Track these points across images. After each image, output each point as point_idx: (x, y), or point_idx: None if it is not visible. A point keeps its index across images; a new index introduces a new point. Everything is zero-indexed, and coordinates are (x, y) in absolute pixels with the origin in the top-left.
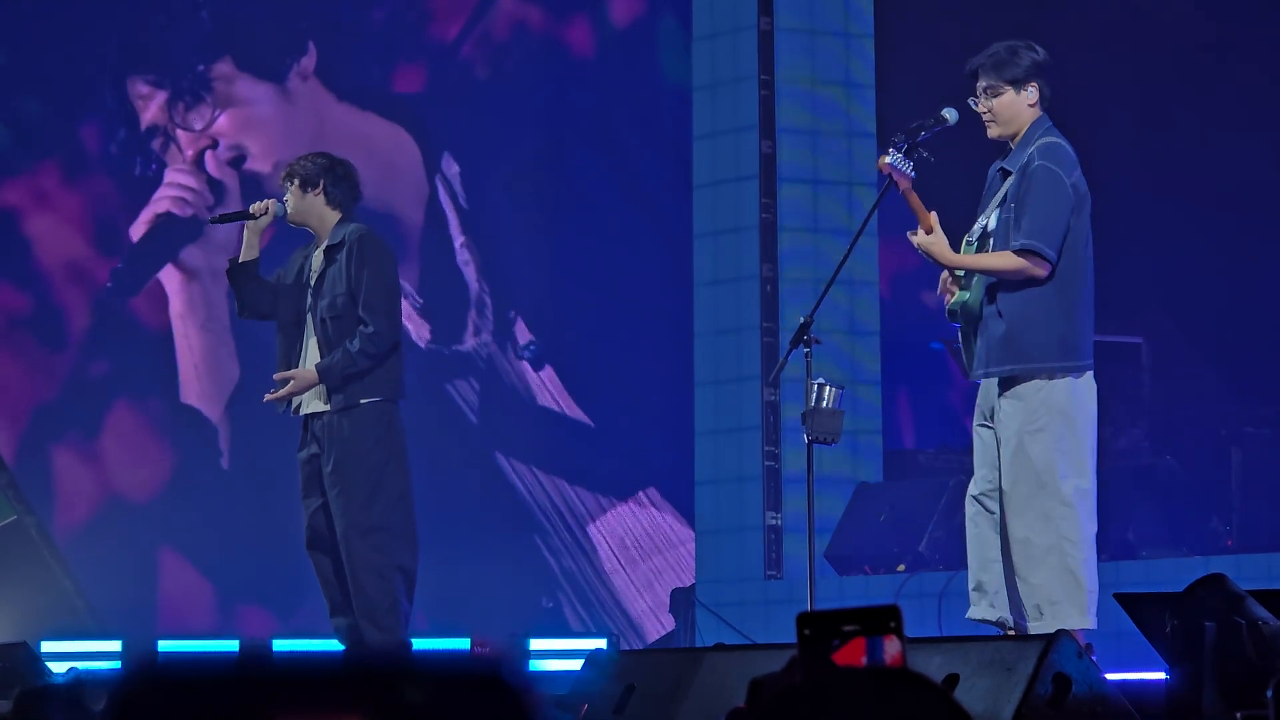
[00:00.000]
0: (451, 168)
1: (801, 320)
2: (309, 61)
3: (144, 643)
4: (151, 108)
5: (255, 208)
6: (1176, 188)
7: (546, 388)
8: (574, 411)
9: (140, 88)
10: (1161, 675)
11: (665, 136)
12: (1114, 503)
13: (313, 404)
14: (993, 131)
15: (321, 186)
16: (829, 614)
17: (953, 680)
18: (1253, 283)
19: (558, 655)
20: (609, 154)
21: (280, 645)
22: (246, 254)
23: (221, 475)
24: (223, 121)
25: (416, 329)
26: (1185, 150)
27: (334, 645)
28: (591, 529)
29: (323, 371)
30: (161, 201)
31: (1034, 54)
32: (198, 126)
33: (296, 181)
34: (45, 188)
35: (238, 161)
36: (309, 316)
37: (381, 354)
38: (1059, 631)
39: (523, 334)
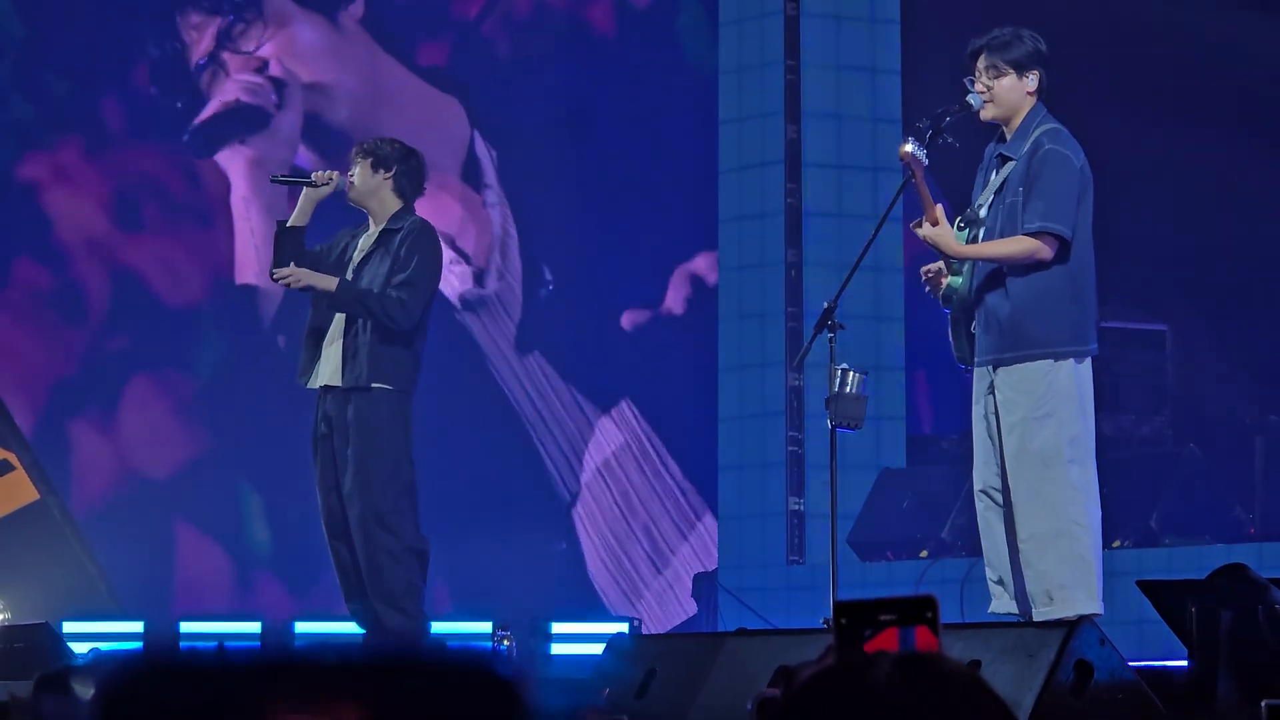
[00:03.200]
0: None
1: (825, 305)
2: (357, 8)
3: (165, 623)
4: (205, 38)
5: (318, 176)
6: (1203, 175)
7: (570, 372)
8: (598, 396)
9: (192, 18)
10: (1184, 663)
11: (689, 121)
12: (1137, 490)
13: (327, 375)
14: (988, 113)
15: (394, 172)
16: (866, 603)
17: (974, 666)
18: (1279, 271)
19: (580, 639)
20: (632, 140)
21: (302, 625)
22: (298, 219)
23: (242, 451)
24: (270, 46)
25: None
26: (1212, 137)
27: (352, 626)
28: (613, 510)
29: (342, 283)
30: (230, 91)
31: (1036, 42)
32: (249, 48)
33: (370, 160)
34: (66, 163)
35: (286, 83)
36: None
37: (398, 324)
38: (1081, 618)
39: (547, 327)
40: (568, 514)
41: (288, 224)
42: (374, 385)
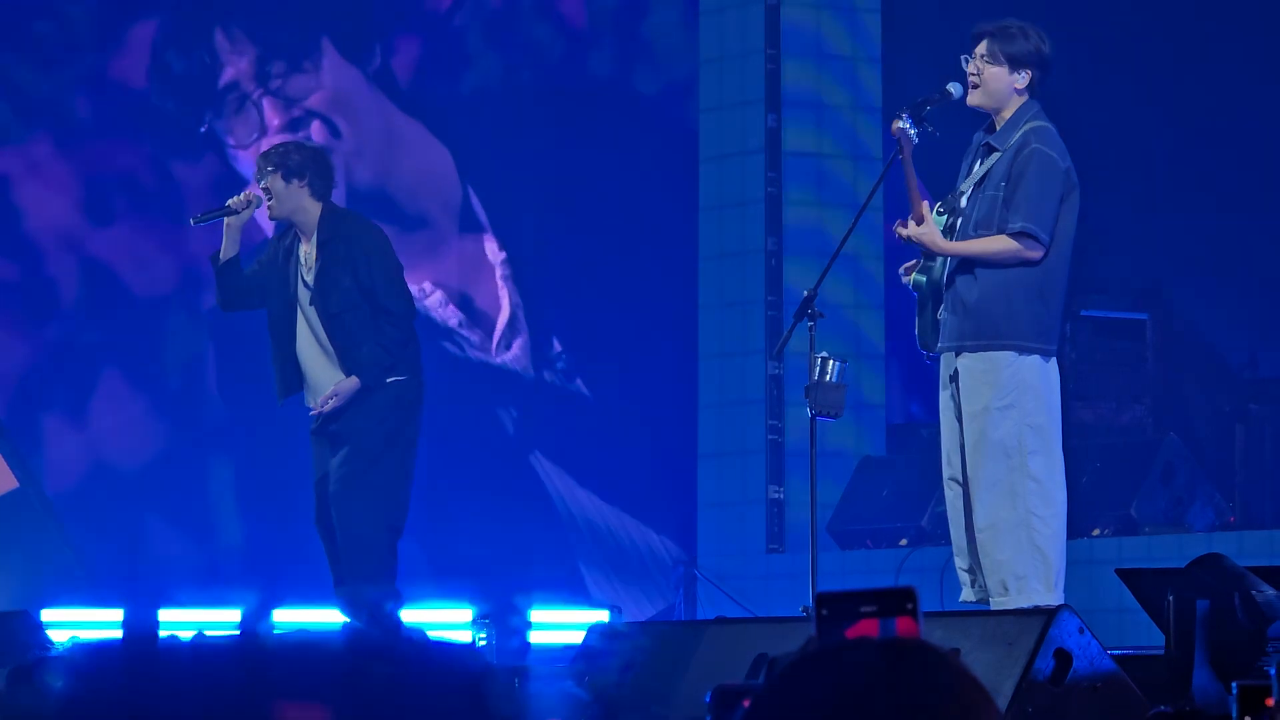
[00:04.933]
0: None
1: (805, 294)
2: (376, 59)
3: (144, 611)
4: (240, 63)
5: (235, 202)
6: (1186, 163)
7: (550, 358)
8: (575, 384)
9: (232, 40)
10: (1162, 650)
11: (669, 113)
12: (1117, 478)
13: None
14: (973, 98)
15: (307, 179)
16: (847, 594)
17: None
18: (1261, 259)
19: (560, 627)
20: (613, 130)
21: (280, 614)
22: (229, 251)
23: (215, 438)
24: (318, 97)
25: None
26: (1196, 126)
27: (334, 611)
28: (595, 496)
29: (364, 377)
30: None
31: (1041, 43)
32: (295, 95)
33: (280, 173)
34: (37, 157)
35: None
36: (300, 309)
37: (405, 335)
38: (1060, 606)
39: (533, 314)
40: (548, 500)
41: (221, 259)
42: (388, 381)
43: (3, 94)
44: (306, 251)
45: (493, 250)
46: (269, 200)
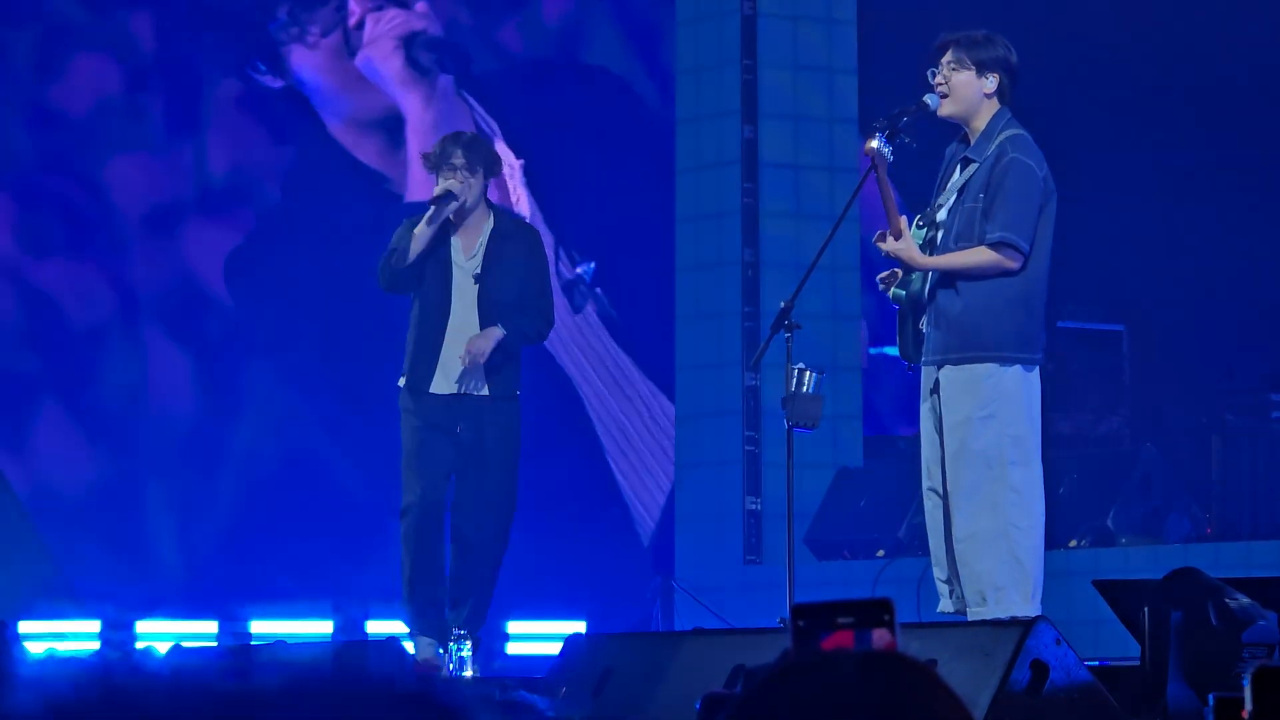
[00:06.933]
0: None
1: (782, 305)
2: None
3: (122, 621)
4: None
5: (453, 187)
6: (1160, 174)
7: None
8: (558, 393)
9: None
10: (1138, 662)
11: (647, 121)
12: (1094, 489)
13: (478, 386)
14: (945, 109)
15: (490, 176)
16: (823, 606)
17: (930, 665)
18: (1237, 270)
19: (536, 638)
20: (590, 140)
21: (258, 625)
22: (426, 236)
23: (200, 440)
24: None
25: None
26: (1171, 135)
27: (303, 627)
28: (572, 506)
29: (511, 332)
30: (397, 26)
31: (1007, 50)
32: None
33: (482, 170)
34: None
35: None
36: (456, 294)
37: (544, 335)
38: (1037, 617)
39: None
40: (525, 511)
41: (421, 240)
42: (518, 392)
43: None
44: (465, 241)
45: None
46: (469, 190)
